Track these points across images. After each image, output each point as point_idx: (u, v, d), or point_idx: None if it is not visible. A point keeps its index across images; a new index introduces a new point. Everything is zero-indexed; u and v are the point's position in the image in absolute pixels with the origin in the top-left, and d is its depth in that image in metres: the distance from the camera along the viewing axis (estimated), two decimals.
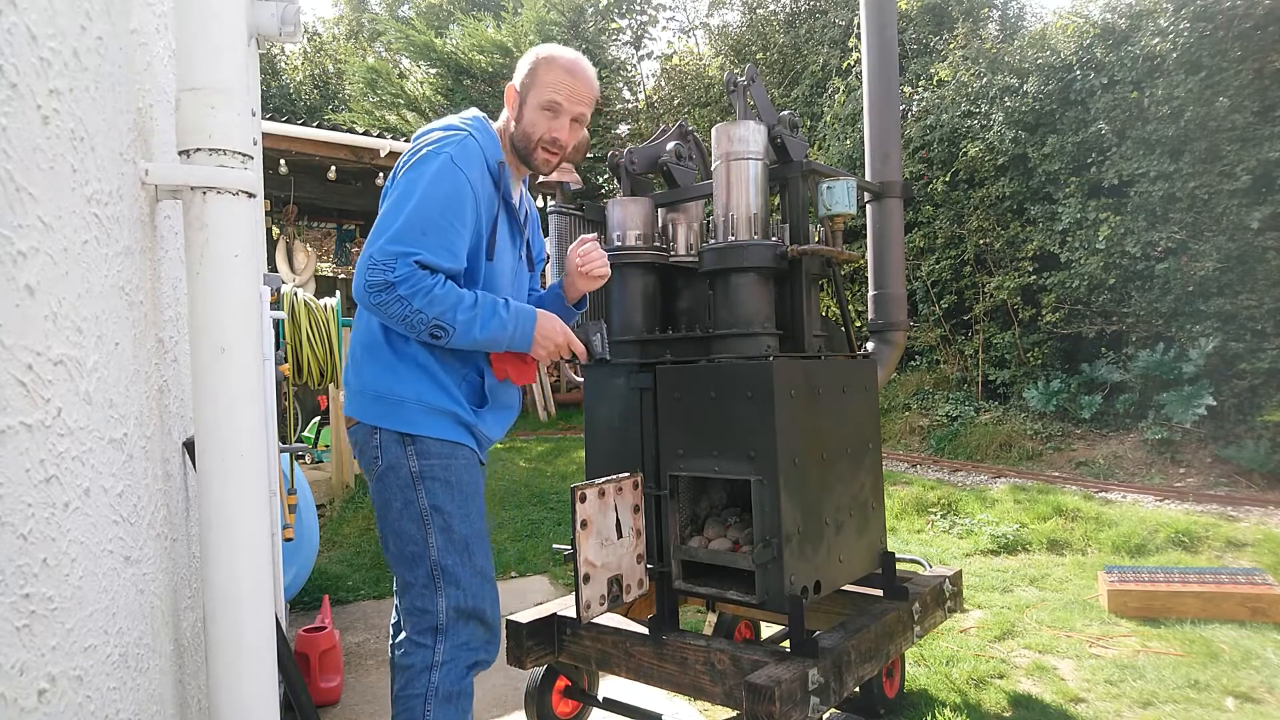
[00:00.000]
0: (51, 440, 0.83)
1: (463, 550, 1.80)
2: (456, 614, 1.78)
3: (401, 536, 1.80)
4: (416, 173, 1.73)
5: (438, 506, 1.78)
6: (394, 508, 1.79)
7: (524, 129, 1.92)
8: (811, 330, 2.55)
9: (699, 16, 21.77)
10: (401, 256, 1.65)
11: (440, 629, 1.77)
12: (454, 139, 1.78)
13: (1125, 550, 4.77)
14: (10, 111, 0.76)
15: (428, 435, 1.79)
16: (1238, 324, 6.95)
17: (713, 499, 2.56)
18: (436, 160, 1.73)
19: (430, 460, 1.79)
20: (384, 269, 1.65)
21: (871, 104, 3.24)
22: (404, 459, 1.78)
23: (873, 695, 2.58)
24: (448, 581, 1.78)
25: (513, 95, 1.94)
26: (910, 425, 8.97)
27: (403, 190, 1.73)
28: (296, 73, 20.34)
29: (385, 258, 1.65)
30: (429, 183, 1.71)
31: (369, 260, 1.67)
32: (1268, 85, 6.89)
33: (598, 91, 1.99)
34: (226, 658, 1.18)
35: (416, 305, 1.66)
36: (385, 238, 1.67)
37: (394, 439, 1.78)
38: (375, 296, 1.66)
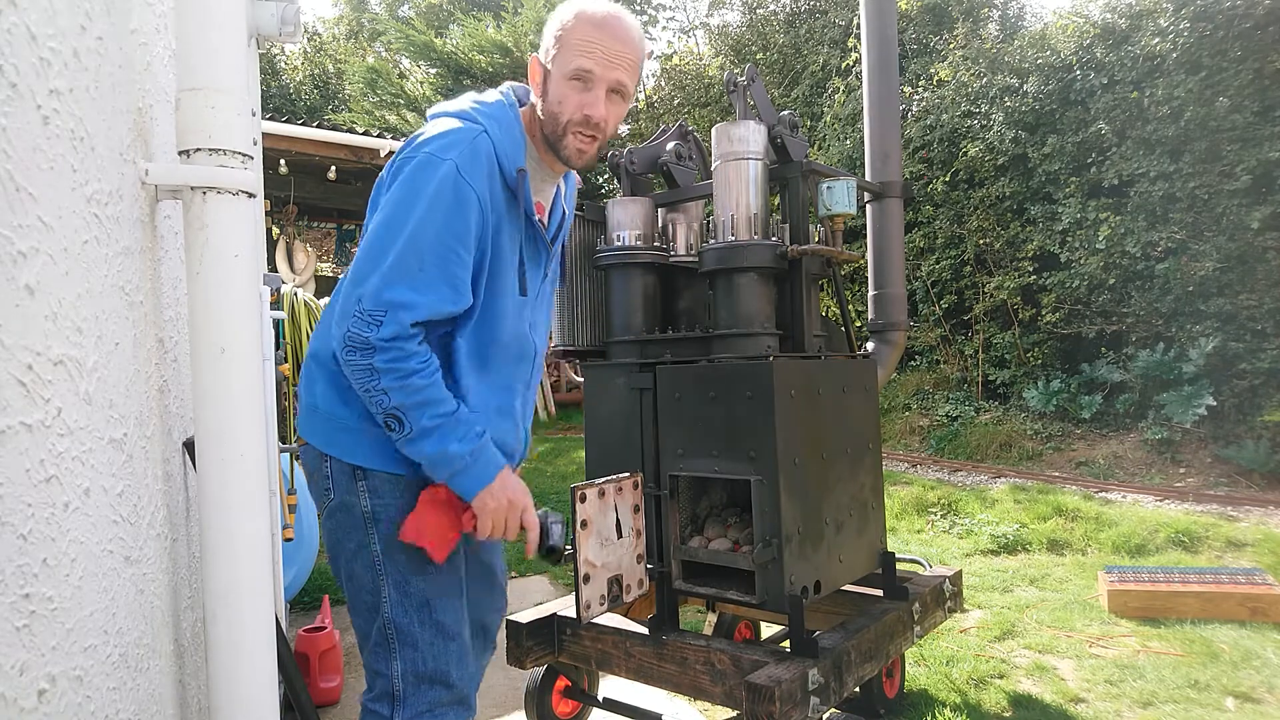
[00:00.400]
0: (51, 440, 0.83)
1: (420, 606, 1.51)
2: (415, 679, 1.51)
3: (354, 581, 1.54)
4: (414, 184, 1.41)
5: (392, 555, 1.50)
6: (346, 548, 1.53)
7: (549, 109, 1.52)
8: (811, 330, 2.55)
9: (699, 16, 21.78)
10: (393, 310, 1.36)
11: (397, 696, 1.50)
12: (463, 139, 1.44)
13: (1125, 550, 4.77)
14: (10, 111, 0.76)
15: (381, 470, 1.49)
16: (1238, 324, 6.95)
17: (713, 499, 2.56)
18: (439, 170, 1.40)
19: (383, 499, 1.50)
20: (370, 322, 1.36)
21: (871, 104, 3.24)
22: (355, 496, 1.50)
23: (873, 695, 2.58)
24: (403, 642, 1.50)
25: (536, 70, 1.54)
26: (910, 425, 8.97)
27: (397, 207, 1.40)
28: (296, 73, 20.34)
29: (376, 307, 1.36)
30: (428, 203, 1.39)
31: (357, 306, 1.37)
32: (1268, 85, 6.89)
33: (643, 52, 1.55)
34: (226, 658, 1.18)
35: (384, 384, 1.37)
36: (377, 278, 1.36)
37: (345, 471, 1.50)
38: (348, 353, 1.38)
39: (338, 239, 10.56)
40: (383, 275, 1.37)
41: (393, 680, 1.51)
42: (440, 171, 1.40)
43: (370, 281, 1.37)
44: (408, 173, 1.42)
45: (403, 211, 1.39)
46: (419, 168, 1.42)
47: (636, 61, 1.53)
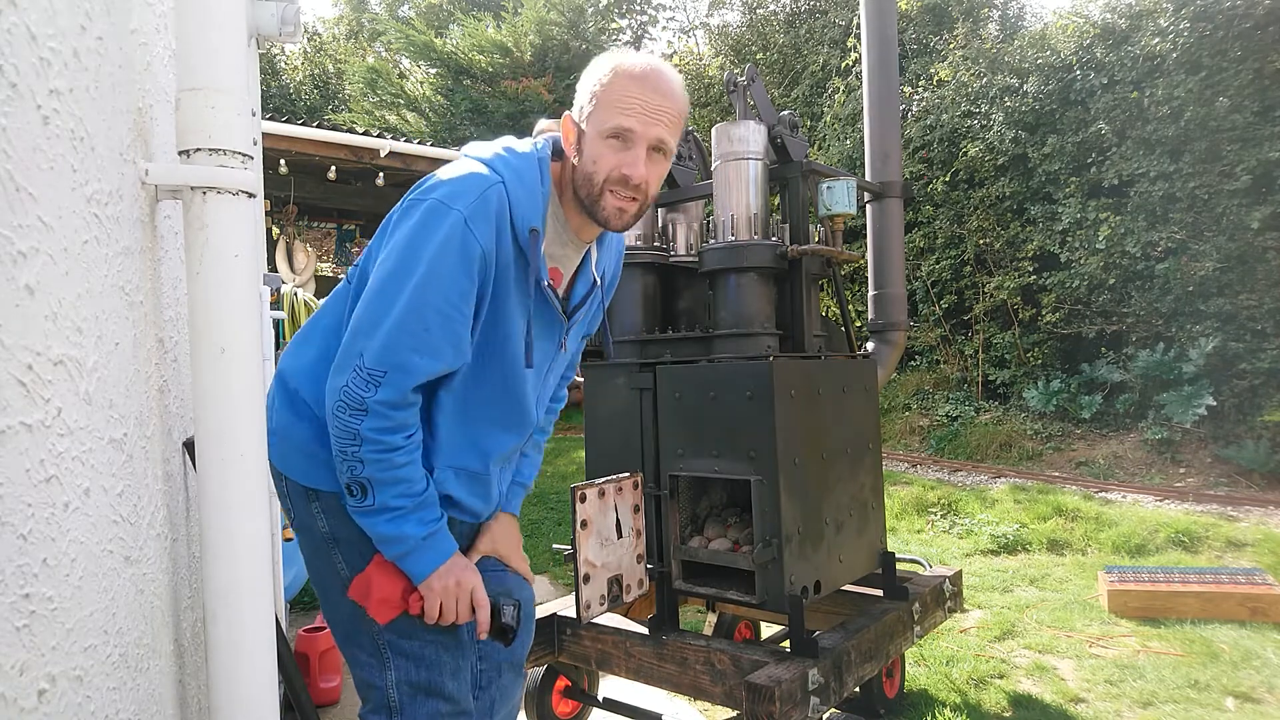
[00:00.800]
0: (51, 440, 0.83)
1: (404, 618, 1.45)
2: (410, 689, 1.45)
3: (331, 600, 1.47)
4: (421, 234, 1.32)
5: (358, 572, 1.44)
6: (316, 567, 1.47)
7: (585, 169, 1.40)
8: (811, 330, 2.55)
9: (699, 16, 21.80)
10: (394, 373, 1.30)
11: (393, 707, 1.44)
12: (474, 189, 1.34)
13: (1125, 550, 4.77)
14: (10, 111, 0.76)
15: (334, 491, 1.41)
16: (1238, 324, 6.95)
17: (713, 499, 2.56)
18: (445, 220, 1.31)
19: (339, 519, 1.42)
20: (369, 382, 1.30)
21: (871, 104, 3.24)
22: (312, 518, 1.44)
23: (873, 695, 2.58)
24: (395, 652, 1.44)
25: (570, 129, 1.44)
26: (910, 425, 8.97)
27: (403, 258, 1.32)
28: (296, 73, 20.35)
29: (377, 366, 1.30)
30: (434, 257, 1.31)
31: (359, 360, 1.30)
32: (1268, 85, 6.89)
33: (686, 106, 1.45)
34: (226, 658, 1.18)
35: (363, 453, 1.31)
36: (382, 336, 1.30)
37: (299, 492, 1.43)
38: (339, 410, 1.31)
39: (338, 239, 10.56)
40: (387, 334, 1.30)
41: (387, 691, 1.45)
42: (447, 221, 1.31)
43: (374, 338, 1.31)
44: (416, 220, 1.34)
45: (409, 263, 1.32)
46: (427, 215, 1.33)
47: (679, 116, 1.42)
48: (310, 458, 1.42)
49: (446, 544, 1.41)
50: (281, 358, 1.52)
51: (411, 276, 1.31)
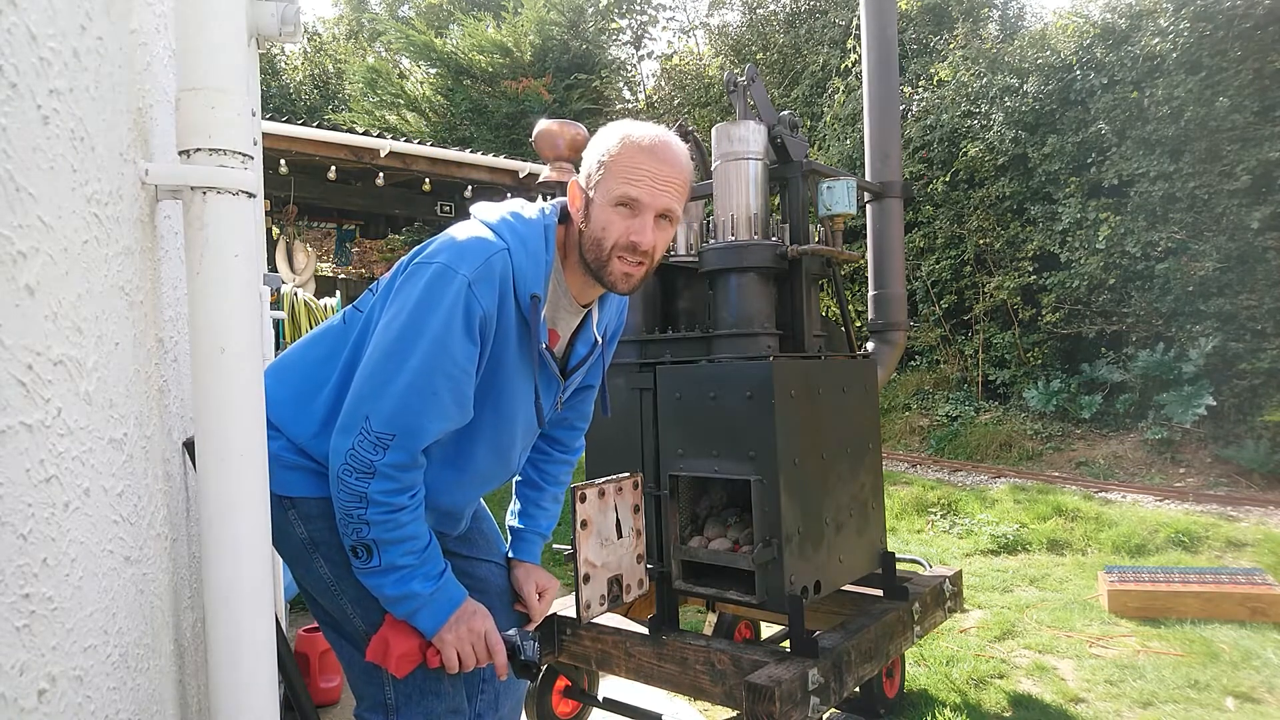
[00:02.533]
0: (51, 440, 0.83)
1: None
2: (404, 687, 1.48)
3: (319, 606, 1.50)
4: (427, 298, 1.33)
5: (342, 576, 1.44)
6: (300, 575, 1.48)
7: (593, 235, 1.43)
8: (811, 330, 2.55)
9: (699, 16, 21.79)
10: (402, 436, 1.32)
11: (390, 706, 1.47)
12: (479, 253, 1.36)
13: (1125, 550, 4.77)
14: (10, 111, 0.76)
15: (308, 496, 1.43)
16: (1238, 324, 6.95)
17: (713, 499, 2.56)
18: (451, 285, 1.33)
19: (317, 524, 1.43)
20: (377, 445, 1.31)
21: (871, 104, 3.24)
22: (289, 526, 1.44)
23: (873, 695, 2.58)
24: None
25: (577, 195, 1.47)
26: (910, 425, 8.97)
27: (409, 323, 1.33)
28: (296, 73, 20.34)
29: (385, 430, 1.31)
30: (442, 322, 1.32)
31: (365, 423, 1.31)
32: (1268, 85, 6.89)
33: (690, 176, 1.49)
34: (226, 658, 1.17)
35: (369, 515, 1.32)
36: (390, 400, 1.31)
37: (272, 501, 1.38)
38: (346, 473, 1.32)
39: (338, 239, 10.56)
40: (396, 399, 1.31)
41: (384, 689, 1.47)
42: (453, 287, 1.33)
43: (381, 402, 1.32)
44: (423, 285, 1.34)
45: (415, 327, 1.33)
46: (433, 280, 1.34)
47: (685, 186, 1.46)
48: (283, 467, 1.42)
49: (454, 593, 1.42)
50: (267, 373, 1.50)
51: (419, 341, 1.32)
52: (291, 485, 1.43)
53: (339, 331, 1.48)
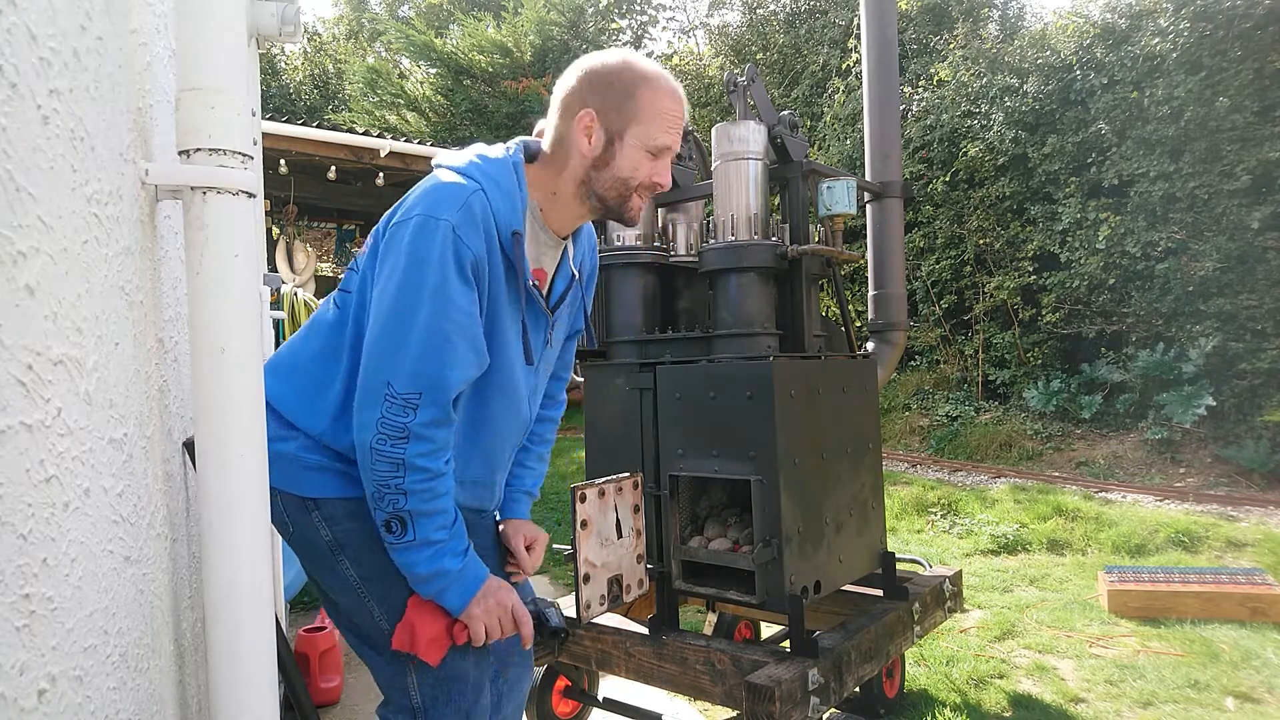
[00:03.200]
0: (51, 440, 0.83)
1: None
2: (433, 690, 1.45)
3: (341, 609, 1.47)
4: (417, 253, 1.31)
5: (369, 575, 1.42)
6: (322, 579, 1.46)
7: (618, 174, 1.43)
8: (811, 330, 2.55)
9: (699, 16, 21.79)
10: (430, 391, 1.30)
11: (418, 709, 1.45)
12: (456, 197, 1.34)
13: (1125, 550, 4.77)
14: (10, 111, 0.76)
15: (332, 497, 1.40)
16: (1238, 324, 6.95)
17: (713, 499, 2.56)
18: (437, 234, 1.31)
19: (343, 525, 1.41)
20: (405, 406, 1.29)
21: (871, 104, 3.24)
22: (313, 528, 1.41)
23: (873, 695, 2.58)
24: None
25: (593, 125, 1.42)
26: (910, 425, 8.97)
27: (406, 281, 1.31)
28: (296, 73, 20.35)
29: (411, 390, 1.29)
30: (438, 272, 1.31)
31: (387, 389, 1.28)
32: (1268, 85, 6.89)
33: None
34: (226, 658, 1.17)
35: (406, 483, 1.29)
36: (406, 359, 1.29)
37: (294, 503, 1.41)
38: (383, 442, 1.28)
39: (338, 239, 10.56)
40: (414, 356, 1.29)
41: (410, 695, 1.45)
42: (439, 235, 1.31)
43: (399, 363, 1.29)
44: (408, 240, 1.33)
45: (413, 283, 1.31)
46: (418, 233, 1.32)
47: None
48: (306, 469, 1.41)
49: (479, 570, 1.41)
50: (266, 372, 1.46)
51: (420, 295, 1.30)
52: (316, 486, 1.41)
53: (334, 319, 1.46)
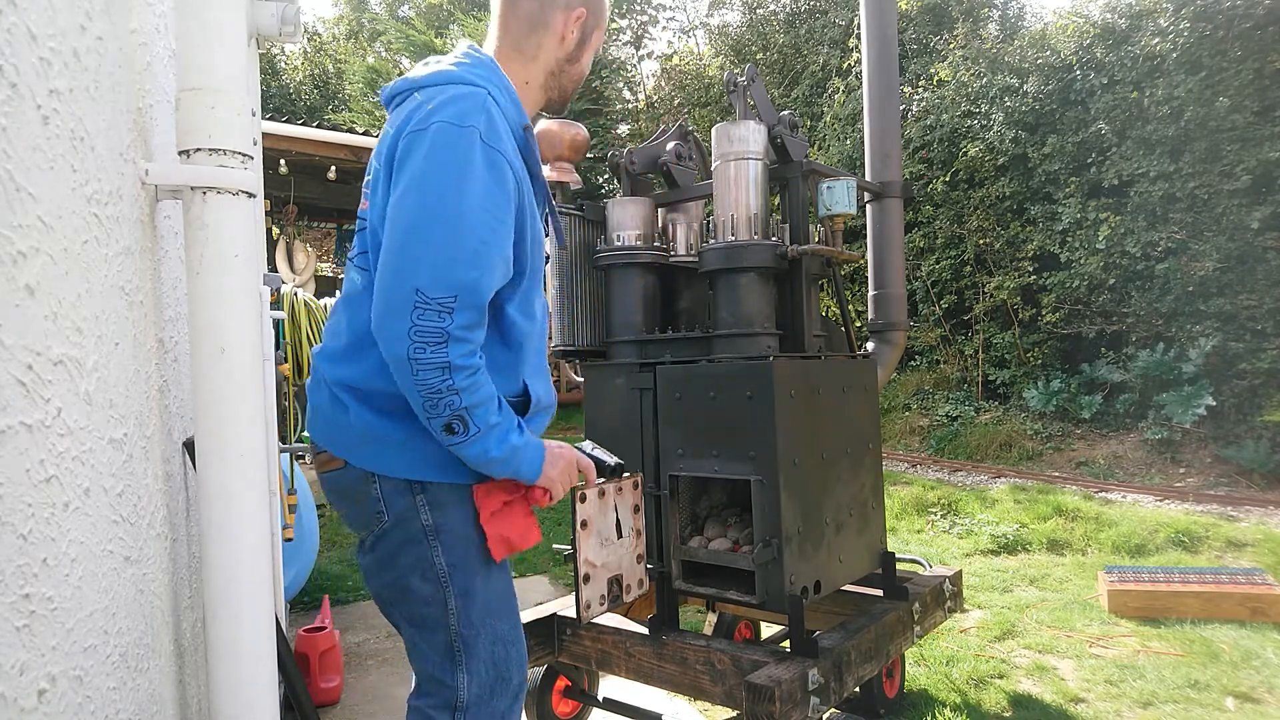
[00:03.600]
0: (51, 440, 0.83)
1: (484, 615, 1.47)
2: (480, 689, 1.47)
3: (411, 595, 1.46)
4: (442, 157, 1.30)
5: (456, 565, 1.44)
6: (401, 563, 1.45)
7: (580, 71, 1.62)
8: (811, 330, 2.54)
9: (699, 16, 21.78)
10: (464, 294, 1.27)
11: (461, 707, 1.45)
12: (477, 104, 1.34)
13: (1125, 550, 4.77)
14: (10, 111, 0.76)
15: (441, 481, 1.42)
16: (1238, 324, 6.95)
17: (713, 499, 2.56)
18: (462, 139, 1.30)
19: (445, 512, 1.43)
20: (441, 311, 1.25)
21: (871, 104, 3.24)
22: (414, 511, 1.42)
23: (873, 695, 2.58)
24: (470, 655, 1.46)
25: (574, 27, 1.55)
26: (910, 425, 8.97)
27: (431, 184, 1.29)
28: (296, 73, 20.35)
29: (445, 294, 1.25)
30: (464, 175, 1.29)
31: (417, 296, 1.24)
32: (1268, 85, 6.89)
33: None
34: (226, 658, 1.18)
35: (457, 383, 1.27)
36: (439, 267, 1.25)
37: (398, 487, 1.42)
38: (419, 350, 1.25)
39: (338, 239, 10.56)
40: (445, 261, 1.25)
41: (459, 691, 1.46)
42: (465, 140, 1.30)
43: (428, 269, 1.25)
44: (428, 146, 1.30)
45: (439, 188, 1.28)
46: (441, 138, 1.30)
47: None
48: (409, 449, 1.41)
49: (534, 438, 1.46)
50: (326, 368, 1.47)
51: (447, 202, 1.28)
52: (425, 469, 1.41)
53: (365, 282, 1.43)
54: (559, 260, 2.73)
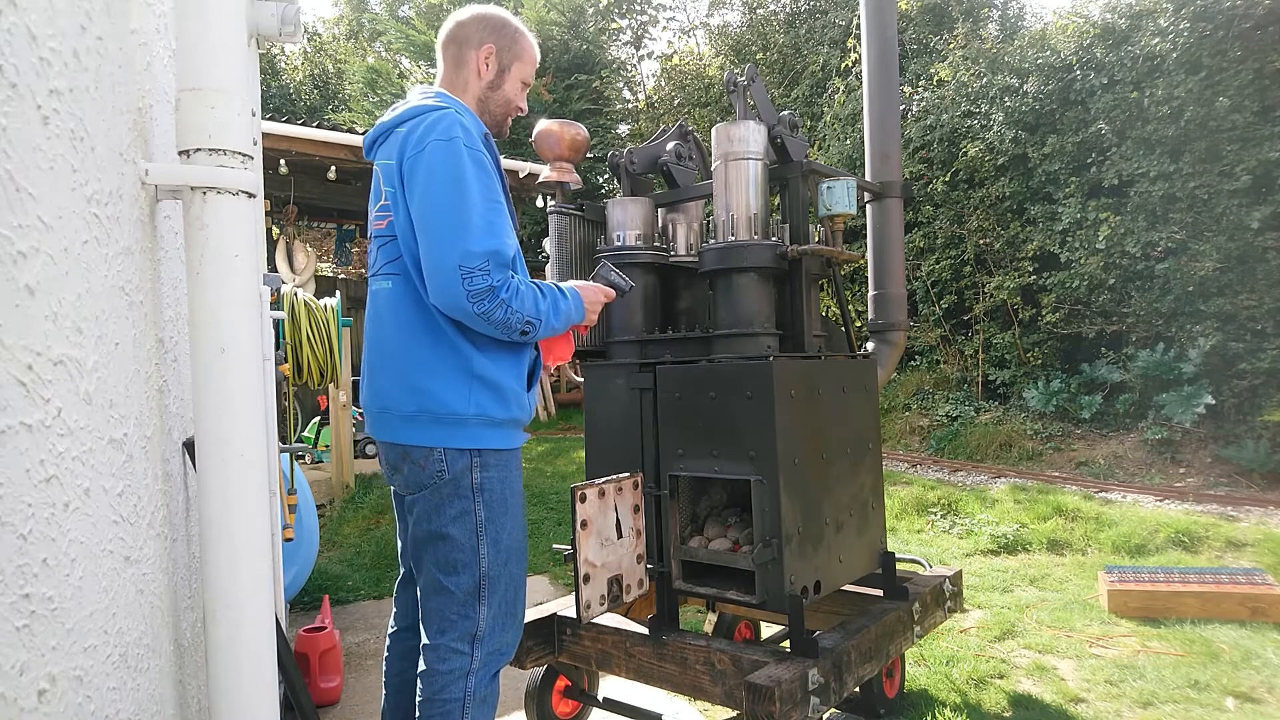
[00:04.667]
0: (51, 440, 0.83)
1: (506, 561, 1.82)
2: (495, 622, 1.81)
3: (448, 541, 1.78)
4: (446, 165, 1.68)
5: (493, 519, 1.79)
6: (447, 514, 1.78)
7: (505, 95, 1.96)
8: (811, 330, 2.54)
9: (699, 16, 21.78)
10: (491, 256, 1.64)
11: (478, 637, 1.79)
12: (454, 121, 1.73)
13: (1125, 550, 4.77)
14: (10, 111, 0.76)
15: (491, 448, 1.79)
16: (1238, 324, 6.95)
17: (713, 499, 2.56)
18: (455, 148, 1.69)
19: (491, 473, 1.79)
20: (482, 274, 1.64)
21: (871, 104, 3.24)
22: (467, 472, 1.77)
23: (873, 695, 2.58)
24: (491, 591, 1.79)
25: (489, 55, 1.92)
26: (910, 425, 8.97)
27: (444, 186, 1.67)
28: (296, 73, 20.34)
29: (478, 262, 1.63)
30: (468, 173, 1.68)
31: (459, 269, 1.63)
32: (1268, 85, 6.89)
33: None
34: (226, 658, 1.18)
35: (515, 306, 1.69)
36: (468, 241, 1.63)
37: (457, 454, 1.76)
38: (479, 305, 1.65)
39: (338, 239, 10.55)
40: (471, 238, 1.64)
41: (478, 623, 1.78)
42: (456, 148, 1.69)
43: (459, 248, 1.64)
44: (432, 159, 1.69)
45: (451, 187, 1.67)
46: (439, 152, 1.69)
47: None
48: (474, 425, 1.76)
49: (573, 289, 1.92)
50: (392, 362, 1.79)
51: (462, 195, 1.66)
52: (484, 439, 1.78)
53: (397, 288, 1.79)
54: (559, 260, 2.73)
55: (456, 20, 1.94)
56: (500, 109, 1.97)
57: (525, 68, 1.97)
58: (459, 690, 1.77)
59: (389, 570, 4.82)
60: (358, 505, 6.12)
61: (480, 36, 1.92)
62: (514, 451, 1.86)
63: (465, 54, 1.92)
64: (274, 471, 2.13)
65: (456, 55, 1.93)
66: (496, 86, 1.94)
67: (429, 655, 1.80)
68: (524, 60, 1.97)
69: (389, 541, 5.32)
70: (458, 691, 1.77)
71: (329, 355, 3.13)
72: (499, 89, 1.95)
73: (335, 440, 6.38)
